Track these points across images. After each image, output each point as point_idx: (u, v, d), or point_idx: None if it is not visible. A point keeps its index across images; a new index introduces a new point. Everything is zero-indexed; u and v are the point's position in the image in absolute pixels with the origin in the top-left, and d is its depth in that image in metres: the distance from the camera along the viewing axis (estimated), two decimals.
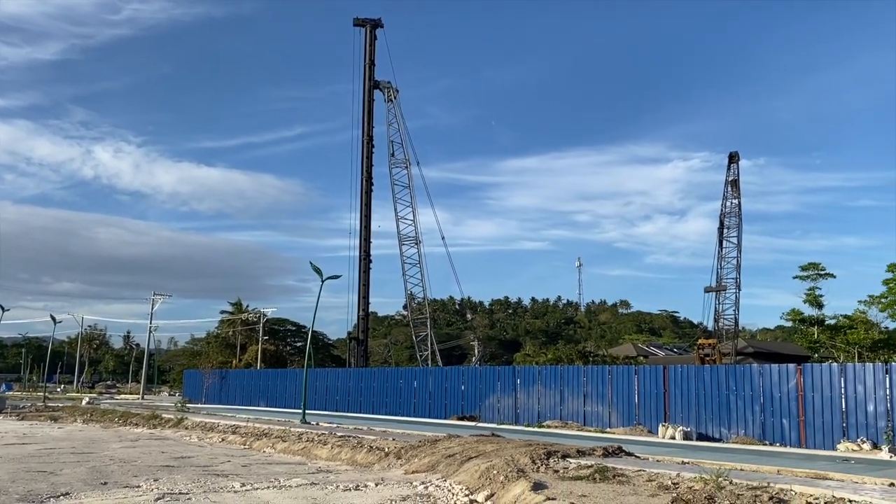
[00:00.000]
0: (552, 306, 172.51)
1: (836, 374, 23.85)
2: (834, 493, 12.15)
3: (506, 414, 33.16)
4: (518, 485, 13.11)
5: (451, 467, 16.32)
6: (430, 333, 55.25)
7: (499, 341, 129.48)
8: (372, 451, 19.46)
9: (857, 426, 22.71)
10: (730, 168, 56.59)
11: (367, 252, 53.65)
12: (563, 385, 31.40)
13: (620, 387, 29.34)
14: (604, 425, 29.13)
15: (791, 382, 24.50)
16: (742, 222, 55.90)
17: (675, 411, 27.22)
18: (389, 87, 56.38)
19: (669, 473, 14.29)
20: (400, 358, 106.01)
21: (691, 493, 11.95)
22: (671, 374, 28.00)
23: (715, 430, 26.03)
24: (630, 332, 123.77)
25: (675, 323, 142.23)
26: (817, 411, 23.70)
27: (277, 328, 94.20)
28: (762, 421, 24.95)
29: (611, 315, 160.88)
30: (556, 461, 16.06)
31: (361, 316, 53.34)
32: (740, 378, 25.97)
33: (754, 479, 13.61)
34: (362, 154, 54.80)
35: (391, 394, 39.41)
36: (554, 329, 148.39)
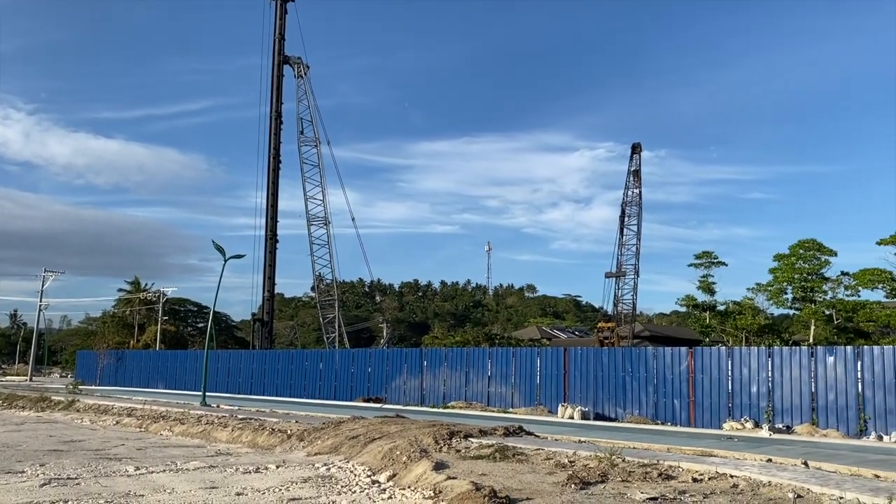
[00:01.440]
0: (461, 290, 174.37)
1: (724, 357, 25.20)
2: (717, 469, 12.86)
3: (412, 395, 33.37)
4: (420, 465, 13.24)
5: (354, 449, 16.32)
6: (337, 315, 54.81)
7: (408, 324, 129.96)
8: (274, 434, 19.21)
9: (741, 406, 24.11)
10: (632, 158, 58.46)
11: (274, 231, 52.57)
12: (469, 367, 31.87)
13: (523, 368, 30.03)
14: (507, 406, 29.77)
15: (683, 365, 25.73)
16: (642, 211, 57.95)
17: (575, 392, 28.11)
18: (300, 62, 55.20)
19: (566, 452, 14.77)
20: (306, 340, 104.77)
21: (586, 471, 12.40)
22: (571, 356, 28.88)
23: (611, 410, 27.06)
24: (535, 315, 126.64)
25: (578, 307, 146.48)
26: (706, 392, 24.99)
27: (178, 308, 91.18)
28: (655, 401, 26.11)
29: (517, 299, 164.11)
30: (459, 441, 16.32)
31: (266, 297, 52.31)
32: (636, 360, 27.07)
33: (646, 457, 14.25)
34: (270, 131, 53.50)
35: (296, 376, 38.95)
36: (462, 312, 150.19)
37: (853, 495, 10.40)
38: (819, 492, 10.85)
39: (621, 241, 58.22)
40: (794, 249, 52.08)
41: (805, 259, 51.58)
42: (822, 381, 22.59)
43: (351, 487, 12.31)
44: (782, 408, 23.18)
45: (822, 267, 51.38)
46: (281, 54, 54.69)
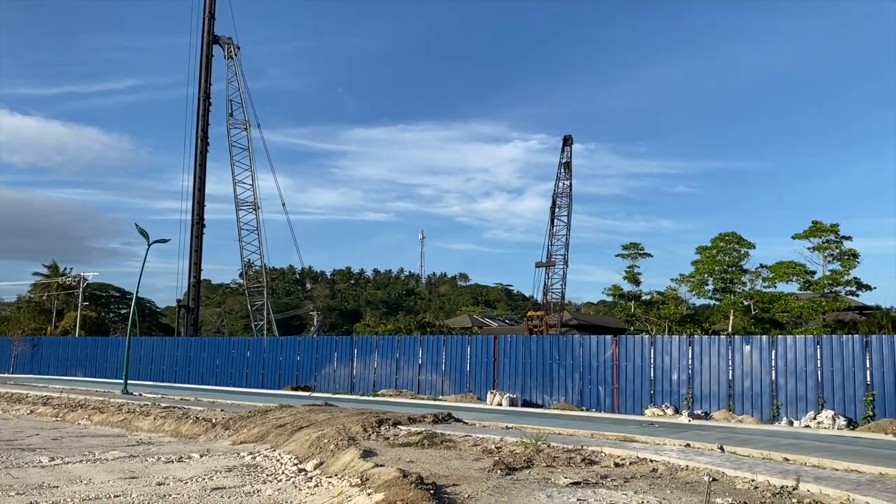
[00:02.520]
0: (394, 278, 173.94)
1: (647, 345, 25.95)
2: (638, 454, 13.26)
3: (342, 383, 33.18)
4: (348, 453, 13.19)
5: (281, 437, 16.13)
6: (266, 303, 53.94)
7: (339, 312, 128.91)
8: (198, 423, 18.80)
9: (662, 393, 24.89)
10: (563, 151, 59.32)
11: (201, 216, 51.26)
12: (400, 355, 31.89)
13: (454, 356, 30.23)
14: (437, 393, 29.94)
15: (608, 353, 26.37)
16: (573, 202, 58.96)
17: (504, 379, 28.48)
18: (230, 43, 53.82)
19: (494, 438, 14.97)
20: (234, 328, 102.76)
21: (512, 457, 12.60)
22: (501, 344, 29.24)
23: (539, 397, 27.54)
24: (467, 303, 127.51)
25: (509, 296, 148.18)
26: (629, 379, 25.70)
27: (99, 294, 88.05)
28: (581, 388, 26.70)
29: (450, 287, 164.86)
30: (388, 429, 16.33)
31: (192, 283, 51.04)
32: (563, 348, 27.61)
33: (570, 443, 14.58)
34: (198, 112, 52.04)
35: (223, 364, 38.18)
36: (395, 300, 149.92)
37: (764, 478, 10.89)
38: (733, 475, 11.32)
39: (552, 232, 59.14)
40: (716, 242, 53.88)
41: (725, 252, 53.40)
42: (738, 368, 23.53)
43: (277, 476, 12.17)
44: (701, 395, 24.04)
45: (742, 259, 53.32)
46: (211, 34, 53.19)
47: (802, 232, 50.35)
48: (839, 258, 49.19)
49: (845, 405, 21.36)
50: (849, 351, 21.72)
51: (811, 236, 50.04)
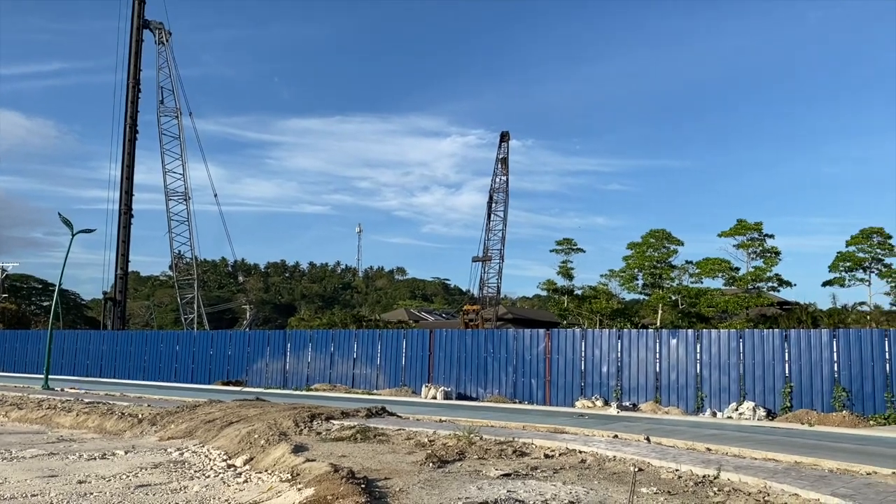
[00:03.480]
0: (330, 271, 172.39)
1: (578, 338, 26.45)
2: (568, 445, 13.52)
3: (274, 378, 32.73)
4: (279, 448, 13.03)
5: (210, 433, 15.80)
6: (197, 296, 52.72)
7: (273, 305, 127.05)
8: (124, 418, 18.25)
9: (593, 385, 25.42)
10: (500, 146, 59.91)
11: (129, 206, 49.68)
12: (335, 349, 31.64)
13: (389, 350, 30.18)
14: (371, 387, 29.84)
15: (540, 346, 26.77)
16: (509, 198, 59.61)
17: (439, 373, 28.59)
18: (161, 28, 52.24)
19: (427, 431, 15.02)
20: (164, 321, 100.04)
21: (445, 450, 12.66)
22: (436, 337, 29.33)
23: (473, 390, 27.76)
24: (405, 297, 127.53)
25: (447, 290, 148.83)
26: (561, 372, 26.15)
27: (20, 285, 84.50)
28: (514, 381, 27.04)
29: (387, 281, 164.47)
30: (320, 423, 16.19)
31: (119, 275, 49.44)
32: (497, 342, 27.89)
33: (502, 435, 14.75)
34: (127, 99, 50.37)
35: (151, 358, 37.13)
36: (331, 294, 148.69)
37: (687, 467, 11.25)
38: (658, 465, 11.66)
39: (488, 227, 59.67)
40: (646, 239, 55.28)
41: (655, 248, 54.86)
42: (665, 361, 24.22)
43: (205, 472, 11.92)
44: (630, 387, 24.65)
45: (670, 256, 54.88)
46: (141, 18, 51.52)
47: (728, 230, 52.21)
48: (762, 255, 51.16)
49: (765, 396, 22.24)
50: (769, 344, 22.62)
51: (736, 234, 51.90)
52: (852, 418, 19.67)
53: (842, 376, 21.24)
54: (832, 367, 21.47)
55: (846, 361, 21.29)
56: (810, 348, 21.89)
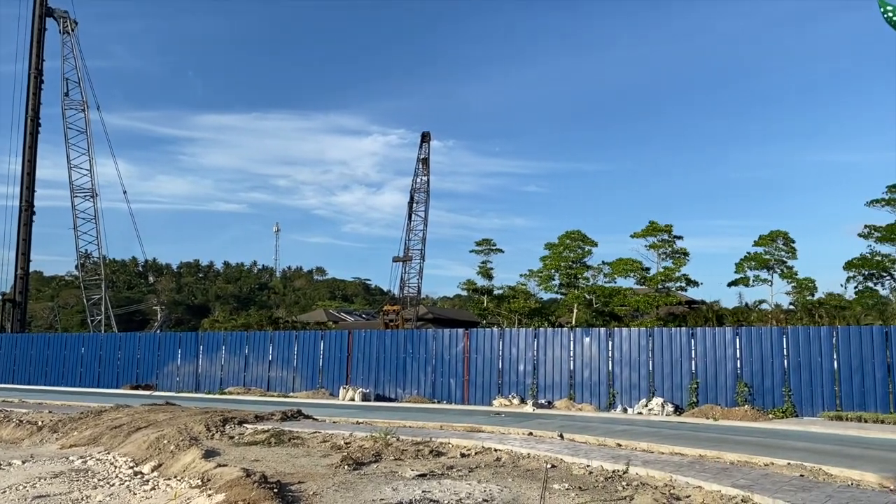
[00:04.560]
0: (247, 271, 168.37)
1: (496, 338, 26.77)
2: (484, 443, 13.67)
3: (186, 382, 31.76)
4: (189, 453, 12.65)
5: (116, 439, 15.19)
6: (104, 296, 50.62)
7: (186, 306, 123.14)
8: (22, 426, 17.34)
9: (510, 384, 25.76)
10: (422, 147, 59.99)
11: (30, 202, 47.17)
12: (249, 351, 30.96)
13: (306, 352, 29.75)
14: (288, 390, 29.35)
15: (460, 346, 26.95)
16: (430, 198, 59.73)
17: (357, 374, 28.38)
18: (66, 17, 49.88)
19: (343, 434, 14.90)
20: (69, 323, 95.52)
21: (361, 452, 12.58)
22: (355, 338, 29.11)
23: (392, 391, 27.68)
24: (324, 298, 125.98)
25: (367, 290, 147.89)
26: (479, 371, 26.40)
27: None
28: (433, 381, 27.11)
29: (306, 281, 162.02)
30: (233, 427, 15.83)
31: (20, 274, 46.90)
32: (417, 342, 27.91)
33: (419, 435, 14.77)
34: (28, 90, 47.79)
35: (54, 362, 35.39)
36: (247, 294, 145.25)
37: (598, 463, 11.56)
38: (570, 461, 11.93)
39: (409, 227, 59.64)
40: (562, 240, 56.57)
41: (571, 249, 56.21)
42: (579, 359, 24.79)
43: (109, 480, 11.45)
44: (545, 384, 25.12)
45: (585, 256, 56.35)
46: (43, 6, 49.02)
47: (640, 231, 54.00)
48: (672, 256, 53.15)
49: (673, 392, 23.07)
50: (677, 342, 23.49)
51: (647, 235, 53.76)
52: (753, 412, 20.63)
53: (744, 372, 22.26)
54: (735, 363, 22.48)
55: (748, 358, 22.32)
56: (715, 346, 22.85)
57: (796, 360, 21.67)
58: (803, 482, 9.97)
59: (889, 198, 48.77)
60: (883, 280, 51.04)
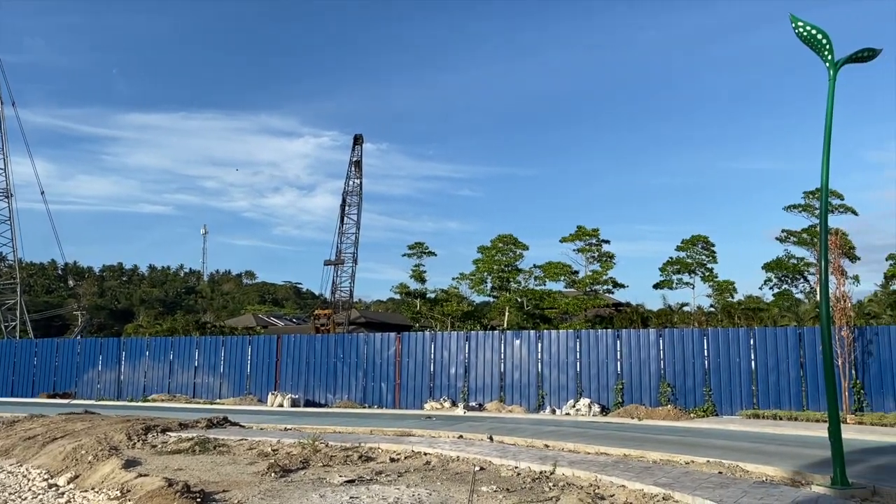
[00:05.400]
0: (173, 275, 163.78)
1: (428, 341, 26.82)
2: (414, 448, 13.67)
3: (107, 389, 30.68)
4: (108, 464, 12.21)
5: (30, 450, 14.54)
6: (20, 301, 48.45)
7: (109, 311, 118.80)
8: None
9: (441, 387, 25.85)
10: (354, 149, 59.44)
11: None
12: (174, 357, 30.13)
13: (233, 357, 29.15)
14: (214, 397, 28.70)
15: (391, 350, 26.88)
16: (363, 201, 59.22)
17: (286, 380, 27.97)
18: None
19: (271, 441, 14.65)
20: None
21: (289, 459, 12.40)
22: (284, 343, 28.68)
23: (322, 396, 27.39)
24: (253, 302, 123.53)
25: (298, 294, 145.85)
26: (411, 375, 26.39)
27: None
28: (364, 386, 26.96)
29: (235, 285, 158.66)
30: (156, 436, 15.39)
31: None
32: (348, 346, 27.70)
33: (349, 441, 14.66)
34: None
35: None
36: (173, 299, 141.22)
37: (526, 464, 11.71)
38: (499, 463, 12.04)
39: (342, 230, 59.01)
40: (495, 243, 57.08)
41: (503, 252, 56.80)
42: (509, 361, 25.08)
43: (21, 494, 10.95)
44: (476, 387, 25.30)
45: (517, 260, 56.97)
46: None
47: (569, 235, 55.01)
48: (599, 259, 54.32)
49: (600, 393, 23.58)
50: (603, 344, 24.02)
51: (576, 239, 54.79)
52: (676, 412, 21.28)
53: (667, 373, 22.94)
54: (659, 364, 23.14)
55: (671, 359, 23.02)
56: (639, 347, 23.47)
57: (716, 361, 22.47)
58: (721, 479, 10.32)
59: (805, 203, 51.07)
60: (798, 282, 53.46)
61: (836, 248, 22.48)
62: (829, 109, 10.37)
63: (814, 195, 49.55)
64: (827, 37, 10.24)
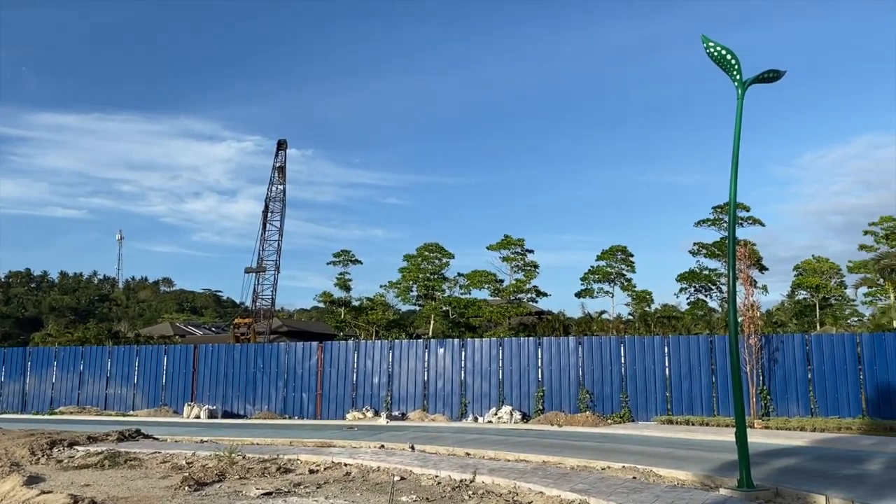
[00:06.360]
0: (86, 282, 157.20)
1: (351, 350, 26.57)
2: (334, 458, 13.51)
3: (11, 402, 29.16)
4: (8, 481, 11.58)
5: None
6: None
7: (15, 319, 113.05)
8: None
9: (364, 396, 25.64)
10: (278, 154, 58.47)
11: None
12: (85, 367, 28.89)
13: (148, 368, 28.16)
14: (127, 408, 27.64)
15: (313, 359, 26.51)
16: (286, 208, 58.26)
17: (204, 390, 27.21)
18: None
19: (185, 453, 14.22)
20: None
21: (204, 472, 12.06)
22: (202, 353, 27.90)
23: (241, 407, 26.75)
24: (171, 311, 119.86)
25: (218, 302, 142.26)
26: (333, 384, 26.08)
27: None
28: (285, 396, 26.48)
29: (151, 293, 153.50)
30: (62, 450, 14.71)
31: None
32: (268, 356, 27.16)
33: (267, 452, 14.36)
34: None
35: None
36: (86, 307, 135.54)
37: (447, 473, 11.73)
38: (420, 472, 12.02)
39: (264, 237, 57.85)
40: (421, 251, 57.20)
41: (429, 260, 56.97)
42: (433, 370, 25.12)
43: None
44: (400, 396, 25.22)
45: (443, 268, 57.25)
46: None
47: (495, 244, 55.69)
48: (523, 268, 55.18)
49: (521, 400, 23.88)
50: (525, 351, 24.35)
51: (502, 248, 55.52)
52: (594, 418, 21.75)
53: (586, 380, 23.44)
54: (578, 371, 23.62)
55: (590, 366, 23.53)
56: (560, 354, 23.90)
57: (633, 368, 23.10)
58: (635, 484, 10.60)
59: (715, 218, 53.24)
60: (711, 292, 55.57)
61: (745, 260, 23.49)
62: (737, 126, 10.85)
63: (722, 209, 51.72)
64: (735, 57, 10.72)
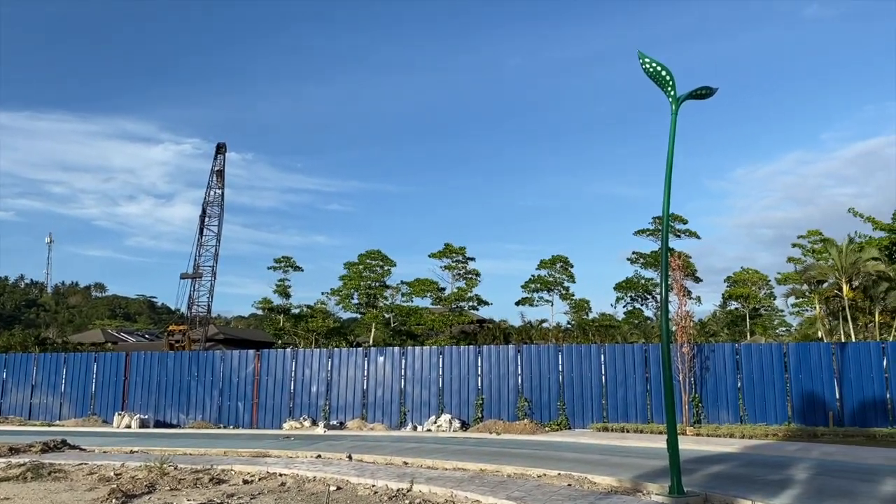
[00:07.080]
0: (12, 286, 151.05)
1: (289, 358, 26.20)
2: (269, 469, 13.27)
3: None
4: None
5: None
6: None
7: None
8: None
9: (302, 405, 25.30)
10: (216, 158, 57.39)
11: None
12: (8, 375, 27.75)
13: (76, 376, 27.20)
14: (53, 418, 26.63)
15: (250, 368, 26.03)
16: (224, 212, 57.16)
17: (135, 399, 26.42)
18: None
19: (114, 464, 13.78)
20: None
21: (133, 483, 11.70)
22: (133, 361, 27.10)
23: (174, 417, 26.06)
24: (103, 317, 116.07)
25: (153, 308, 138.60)
26: (270, 393, 25.65)
27: None
28: (220, 405, 25.91)
29: (82, 298, 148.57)
30: None
31: None
32: (203, 364, 26.55)
33: (200, 463, 14.02)
34: None
35: None
36: (11, 312, 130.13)
37: (384, 482, 11.65)
38: (357, 482, 11.91)
39: (201, 242, 56.65)
40: (362, 259, 56.93)
41: (370, 268, 56.72)
42: (373, 379, 24.95)
43: None
44: (338, 405, 24.97)
45: (385, 276, 57.11)
46: None
47: (437, 252, 55.78)
48: (465, 277, 55.43)
49: (461, 409, 23.93)
50: (465, 360, 24.43)
51: (444, 256, 55.68)
52: (532, 426, 21.95)
53: (525, 388, 23.64)
54: (517, 379, 23.81)
55: (528, 374, 23.75)
56: (499, 362, 24.06)
57: (570, 376, 23.42)
58: (570, 491, 10.73)
59: (654, 228, 54.58)
60: (647, 301, 56.87)
61: (679, 270, 24.11)
62: (671, 140, 11.14)
63: (660, 220, 53.12)
64: (670, 73, 11.01)
